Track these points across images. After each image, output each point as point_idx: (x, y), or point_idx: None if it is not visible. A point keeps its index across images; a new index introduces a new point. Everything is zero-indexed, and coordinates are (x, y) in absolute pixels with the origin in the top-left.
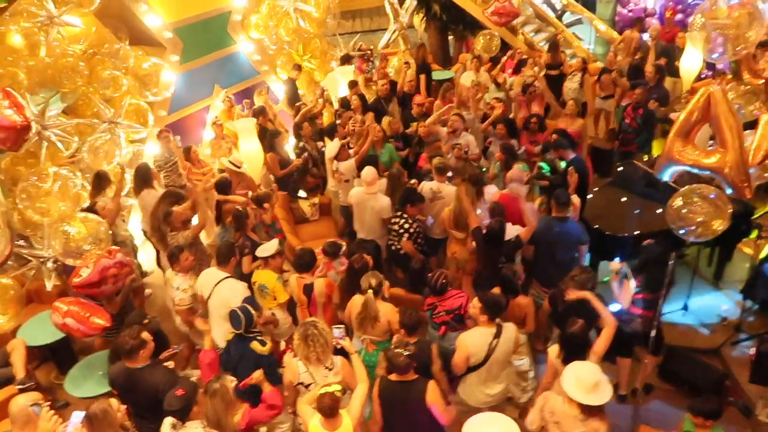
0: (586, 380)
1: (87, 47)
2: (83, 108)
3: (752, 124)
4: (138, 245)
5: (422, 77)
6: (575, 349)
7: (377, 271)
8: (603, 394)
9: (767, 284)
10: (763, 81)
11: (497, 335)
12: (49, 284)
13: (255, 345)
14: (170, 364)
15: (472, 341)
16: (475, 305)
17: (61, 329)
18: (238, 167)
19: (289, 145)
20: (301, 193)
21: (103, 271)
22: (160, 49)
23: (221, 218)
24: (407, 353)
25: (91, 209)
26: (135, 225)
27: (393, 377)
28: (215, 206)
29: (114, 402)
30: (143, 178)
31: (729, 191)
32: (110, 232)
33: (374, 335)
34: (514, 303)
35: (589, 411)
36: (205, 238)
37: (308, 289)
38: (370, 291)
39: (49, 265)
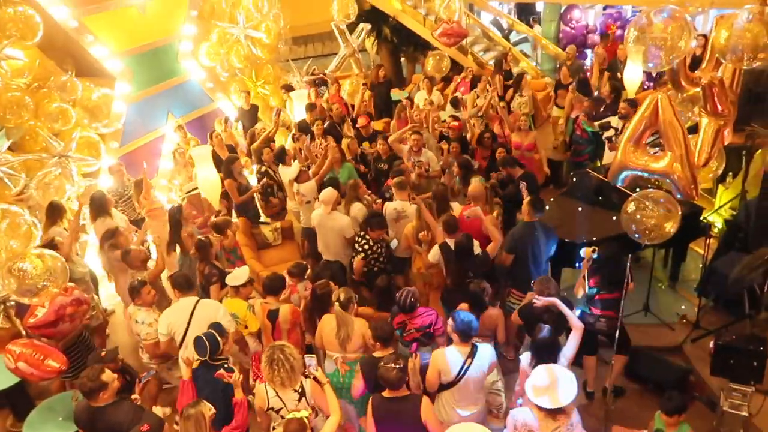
0: (540, 383)
1: (32, 80)
2: (30, 143)
3: (693, 130)
4: (98, 279)
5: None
6: (545, 355)
7: (348, 288)
8: (564, 395)
9: (719, 281)
10: (699, 89)
11: (471, 355)
12: None
13: (221, 373)
14: (137, 399)
15: (444, 359)
16: (449, 324)
17: (14, 373)
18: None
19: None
20: (263, 218)
21: (60, 309)
22: (109, 80)
23: (181, 246)
24: (398, 366)
25: (49, 244)
26: (94, 259)
27: (386, 394)
28: (170, 234)
29: None
30: (99, 206)
31: (678, 195)
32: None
33: (348, 353)
34: (485, 315)
35: (555, 413)
36: (165, 272)
37: (273, 315)
38: (337, 304)
39: None
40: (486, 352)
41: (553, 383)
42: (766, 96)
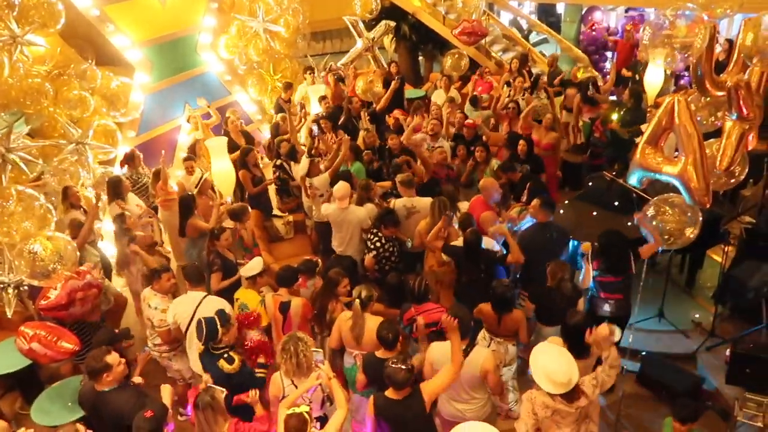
0: (557, 376)
1: (52, 68)
2: (49, 130)
3: (717, 133)
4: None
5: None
6: (578, 341)
7: (370, 285)
8: (573, 376)
9: (736, 289)
10: (724, 93)
11: (465, 354)
12: (9, 311)
13: (222, 363)
14: (140, 383)
15: (437, 352)
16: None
17: (27, 355)
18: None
19: None
20: (276, 212)
21: (72, 293)
22: (128, 70)
23: (186, 235)
24: (406, 367)
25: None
26: (109, 247)
27: (390, 394)
28: (180, 224)
29: (81, 429)
30: (115, 190)
31: (689, 200)
32: (78, 254)
33: (364, 349)
34: (506, 318)
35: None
36: (174, 261)
37: (284, 308)
38: (357, 301)
39: (10, 291)
40: (480, 355)
41: (570, 379)
42: None
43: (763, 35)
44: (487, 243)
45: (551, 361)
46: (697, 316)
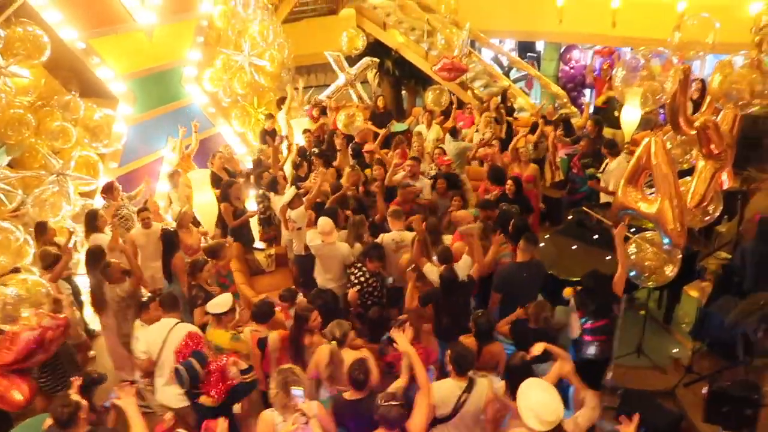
0: (546, 415)
1: (35, 99)
2: (30, 160)
3: (690, 172)
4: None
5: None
6: (517, 382)
7: (342, 321)
8: (561, 414)
9: (713, 326)
10: (695, 131)
11: (468, 389)
12: None
13: (204, 399)
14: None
15: (439, 392)
16: (447, 354)
17: None
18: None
19: None
20: (258, 244)
21: (27, 346)
22: (112, 101)
23: (169, 271)
24: (398, 402)
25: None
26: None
27: None
28: (162, 261)
29: None
30: (91, 223)
31: (666, 240)
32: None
33: (340, 386)
34: (486, 350)
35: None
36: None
37: (263, 343)
38: (334, 342)
39: None
40: (484, 386)
41: (558, 416)
42: (761, 141)
43: (729, 79)
44: (461, 269)
45: (541, 398)
46: (675, 351)
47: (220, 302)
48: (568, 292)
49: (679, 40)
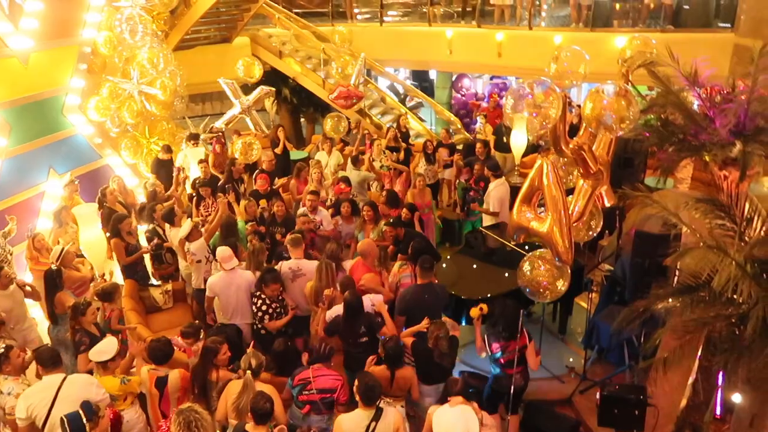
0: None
1: None
2: None
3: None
4: None
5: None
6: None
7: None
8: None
9: (601, 333)
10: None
11: (375, 418)
12: None
13: None
14: None
15: (348, 424)
16: (355, 384)
17: None
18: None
19: None
20: (152, 281)
21: None
22: None
23: (54, 312)
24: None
25: None
26: None
27: None
28: (47, 301)
29: None
30: None
31: (556, 257)
32: None
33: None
34: (398, 375)
35: None
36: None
37: (162, 382)
38: (249, 372)
39: None
40: (391, 415)
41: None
42: (632, 161)
43: (599, 105)
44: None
45: (453, 422)
46: (571, 360)
47: (104, 349)
48: (475, 312)
49: (555, 70)
